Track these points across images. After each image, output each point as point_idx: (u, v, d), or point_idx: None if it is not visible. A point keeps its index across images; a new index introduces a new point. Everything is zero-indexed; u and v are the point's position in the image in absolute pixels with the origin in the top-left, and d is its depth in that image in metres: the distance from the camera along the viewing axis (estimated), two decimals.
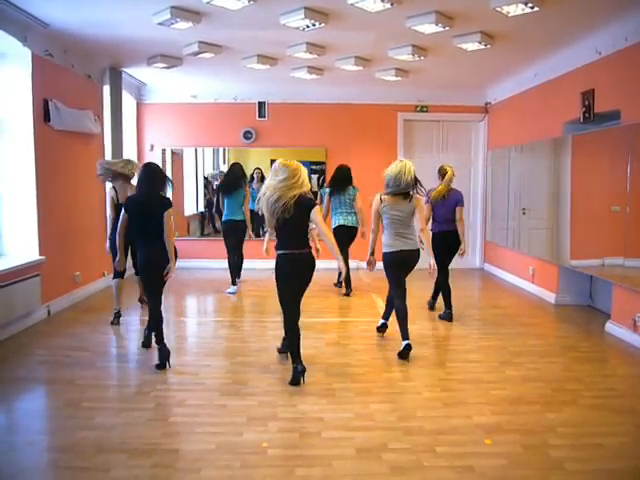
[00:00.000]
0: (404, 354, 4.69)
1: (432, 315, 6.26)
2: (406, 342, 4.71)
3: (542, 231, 7.25)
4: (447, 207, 5.94)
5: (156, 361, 4.46)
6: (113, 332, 5.61)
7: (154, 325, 4.58)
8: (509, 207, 8.32)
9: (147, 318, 4.83)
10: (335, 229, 7.02)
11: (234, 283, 7.43)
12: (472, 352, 4.98)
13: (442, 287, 6.12)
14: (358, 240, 7.22)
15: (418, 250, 4.86)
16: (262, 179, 8.57)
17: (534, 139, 7.49)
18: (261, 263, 8.19)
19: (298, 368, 4.10)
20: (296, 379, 4.11)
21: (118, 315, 5.76)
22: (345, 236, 7.04)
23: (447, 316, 5.99)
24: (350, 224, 7.13)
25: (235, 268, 7.50)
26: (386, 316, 5.37)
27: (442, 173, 6.05)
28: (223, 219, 7.39)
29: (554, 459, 3.07)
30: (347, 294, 7.21)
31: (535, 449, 3.18)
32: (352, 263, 7.85)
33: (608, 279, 5.77)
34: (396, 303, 4.90)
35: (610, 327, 5.59)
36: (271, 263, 4.31)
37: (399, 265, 4.85)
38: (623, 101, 5.44)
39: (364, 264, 5.15)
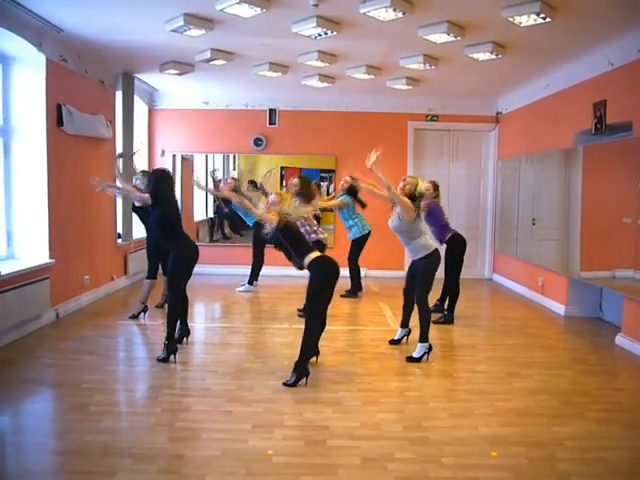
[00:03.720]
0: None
1: (439, 325, 6.24)
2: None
3: (552, 242, 7.21)
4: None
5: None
6: (121, 336, 5.64)
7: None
8: (519, 217, 8.28)
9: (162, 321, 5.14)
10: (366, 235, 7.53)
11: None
12: (479, 363, 4.96)
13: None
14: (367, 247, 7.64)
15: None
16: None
17: (545, 149, 7.46)
18: (273, 270, 8.22)
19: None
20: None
21: (145, 309, 6.24)
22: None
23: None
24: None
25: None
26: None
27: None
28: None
29: (560, 473, 3.04)
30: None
31: (541, 462, 3.15)
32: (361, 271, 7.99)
33: (618, 291, 5.73)
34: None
35: (620, 340, 5.54)
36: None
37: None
38: (635, 112, 5.42)
39: (373, 272, 5.20)
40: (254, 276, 8.00)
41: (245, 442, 3.33)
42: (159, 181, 4.88)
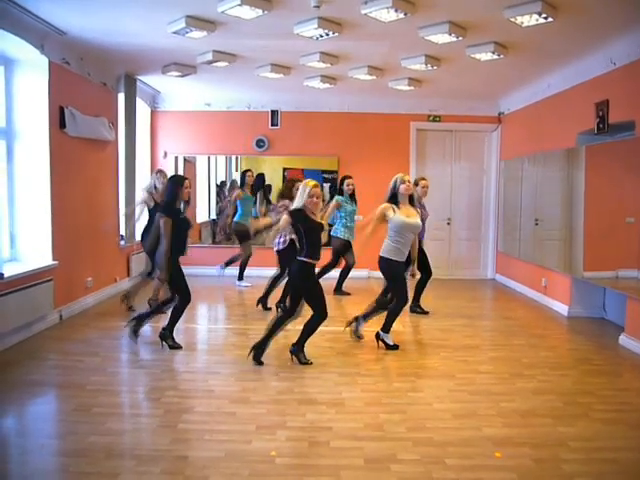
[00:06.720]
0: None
1: (442, 325, 6.23)
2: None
3: (555, 242, 7.20)
4: None
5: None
6: (124, 337, 5.63)
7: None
8: (522, 218, 8.27)
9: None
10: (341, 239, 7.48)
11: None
12: (483, 363, 4.95)
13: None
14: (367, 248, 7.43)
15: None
16: (254, 185, 8.32)
17: (547, 150, 7.45)
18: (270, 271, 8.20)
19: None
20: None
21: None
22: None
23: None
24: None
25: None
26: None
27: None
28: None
29: (566, 474, 3.02)
30: None
31: (546, 463, 3.14)
32: (363, 272, 7.93)
33: (622, 291, 5.72)
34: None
35: (624, 340, 5.52)
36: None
37: None
38: (638, 112, 5.40)
39: (376, 273, 5.20)
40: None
41: (248, 443, 3.32)
42: None
